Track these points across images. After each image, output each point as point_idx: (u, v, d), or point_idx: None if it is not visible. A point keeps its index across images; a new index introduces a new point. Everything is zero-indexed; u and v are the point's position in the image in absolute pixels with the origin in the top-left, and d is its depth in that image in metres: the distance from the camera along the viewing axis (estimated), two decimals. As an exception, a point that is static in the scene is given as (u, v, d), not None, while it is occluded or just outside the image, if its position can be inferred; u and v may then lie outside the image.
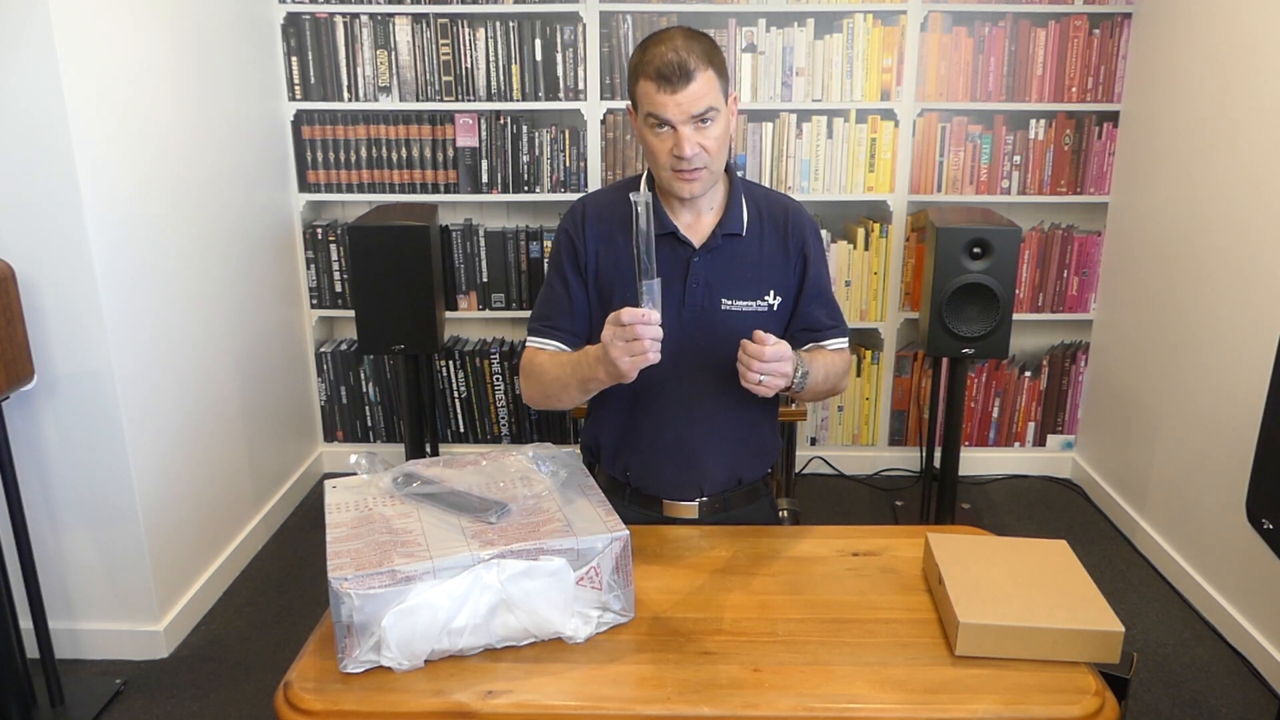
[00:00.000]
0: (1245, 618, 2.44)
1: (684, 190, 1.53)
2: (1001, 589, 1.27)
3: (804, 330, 1.66)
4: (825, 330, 1.66)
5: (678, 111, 1.45)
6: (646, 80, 1.46)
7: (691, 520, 1.67)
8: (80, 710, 2.20)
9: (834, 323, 1.67)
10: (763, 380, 1.40)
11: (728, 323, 1.59)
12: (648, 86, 1.46)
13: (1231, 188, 2.53)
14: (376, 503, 1.33)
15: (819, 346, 1.66)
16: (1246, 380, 2.44)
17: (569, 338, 1.63)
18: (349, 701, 1.15)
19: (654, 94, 1.46)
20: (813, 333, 1.66)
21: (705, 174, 1.52)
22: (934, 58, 3.13)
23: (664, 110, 1.46)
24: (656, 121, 1.48)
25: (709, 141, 1.49)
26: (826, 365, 1.60)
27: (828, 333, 1.66)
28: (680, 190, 1.53)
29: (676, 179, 1.52)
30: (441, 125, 3.19)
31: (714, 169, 1.53)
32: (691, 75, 1.44)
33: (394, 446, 3.49)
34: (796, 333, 1.66)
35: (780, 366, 1.40)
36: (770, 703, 1.14)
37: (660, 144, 1.50)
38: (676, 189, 1.53)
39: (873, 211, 3.27)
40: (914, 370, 3.43)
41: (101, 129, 2.18)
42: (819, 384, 1.59)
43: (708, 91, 1.46)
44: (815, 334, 1.66)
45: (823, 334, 1.66)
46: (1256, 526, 1.59)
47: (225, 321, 2.79)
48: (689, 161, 1.49)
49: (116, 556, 2.36)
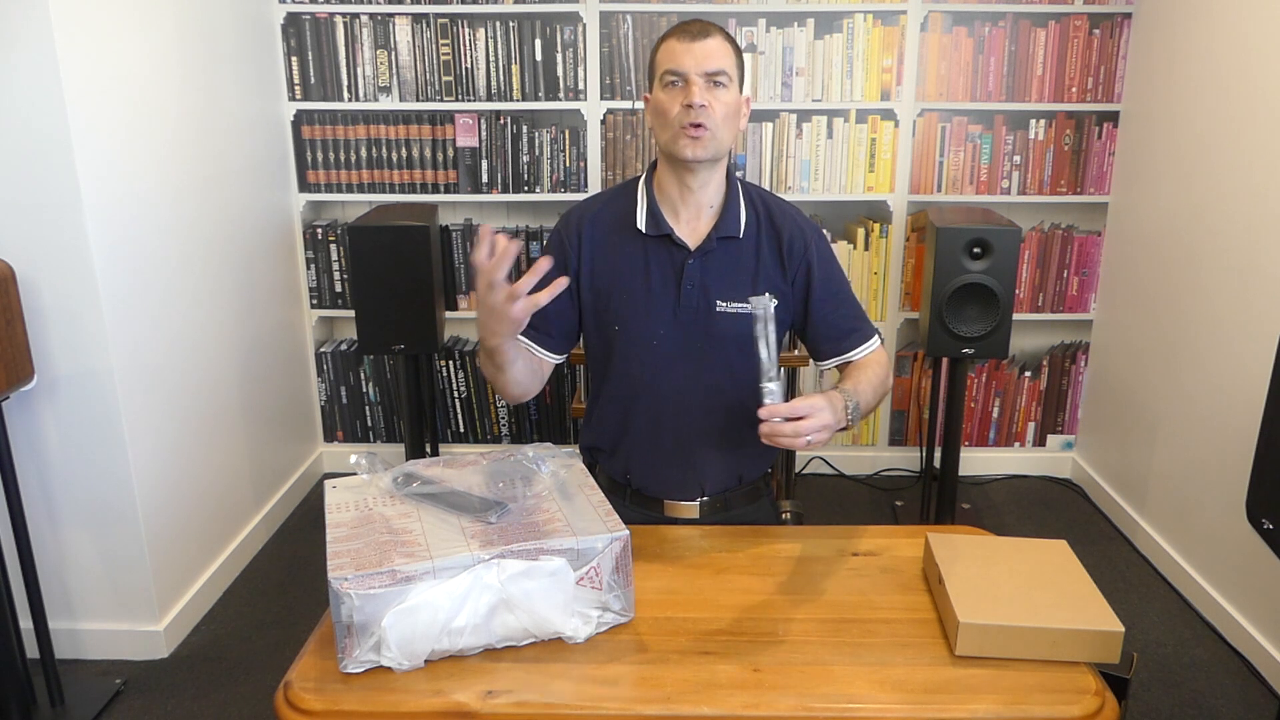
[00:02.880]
0: (1245, 618, 2.44)
1: (688, 150, 1.52)
2: (1001, 589, 1.27)
3: (830, 340, 1.64)
4: (850, 334, 1.64)
5: (692, 62, 1.50)
6: (668, 40, 1.54)
7: (693, 520, 1.67)
8: (80, 710, 2.20)
9: (858, 324, 1.65)
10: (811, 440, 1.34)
11: (723, 324, 1.59)
12: (668, 44, 1.53)
13: (1231, 187, 2.53)
14: (376, 503, 1.33)
15: (846, 360, 1.64)
16: (1246, 380, 2.44)
17: (546, 340, 1.64)
18: (349, 701, 1.15)
19: (673, 46, 1.52)
20: (836, 341, 1.64)
21: (709, 137, 1.52)
22: (934, 58, 3.13)
23: (680, 60, 1.50)
24: (673, 76, 1.51)
25: (718, 104, 1.51)
26: (871, 381, 1.57)
27: (853, 336, 1.64)
28: (684, 149, 1.52)
29: (682, 136, 1.51)
30: (441, 125, 3.20)
31: (719, 137, 1.53)
32: (709, 34, 1.52)
33: (394, 446, 3.49)
34: (820, 342, 1.65)
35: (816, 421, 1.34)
36: (770, 703, 1.14)
37: (671, 99, 1.52)
38: (680, 148, 1.52)
39: (873, 211, 3.27)
40: (914, 370, 3.43)
41: (102, 129, 2.18)
42: (871, 403, 1.56)
43: (722, 54, 1.52)
44: (840, 341, 1.64)
45: (848, 339, 1.64)
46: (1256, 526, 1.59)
47: (225, 321, 2.79)
48: (697, 113, 1.49)
49: (116, 556, 2.36)
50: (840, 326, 1.64)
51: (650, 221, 1.60)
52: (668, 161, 1.59)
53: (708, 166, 1.57)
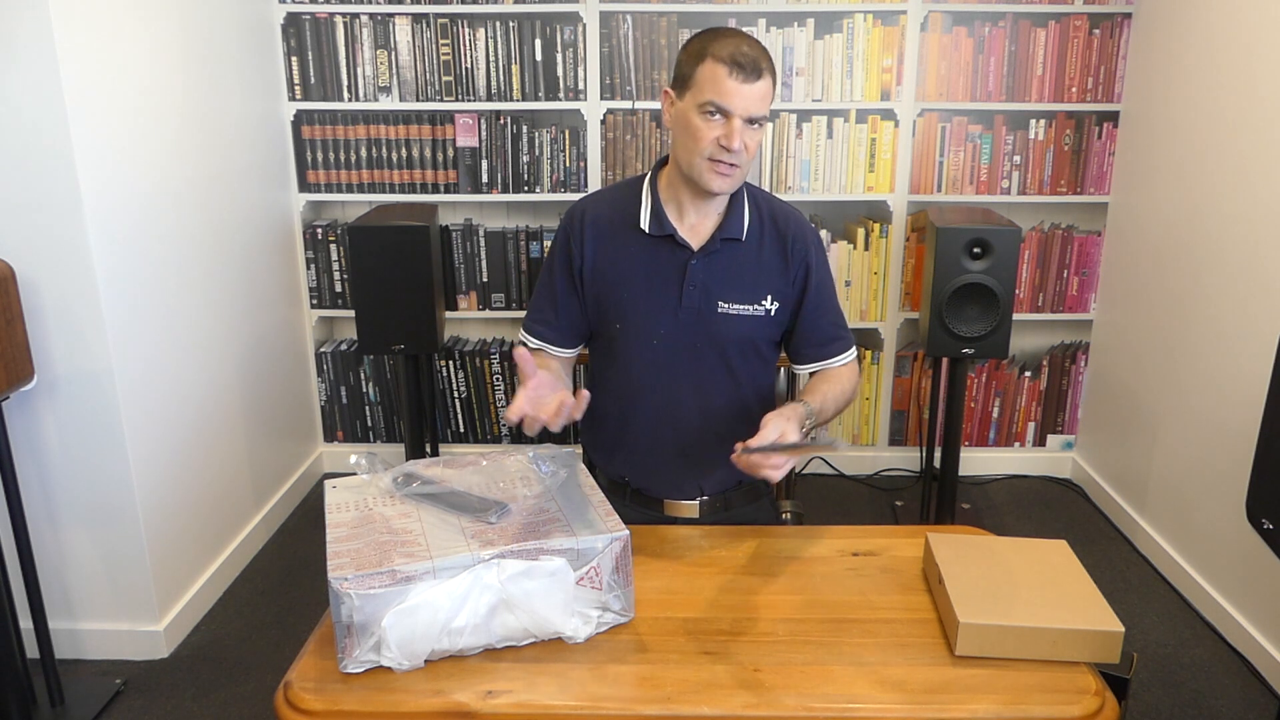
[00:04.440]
0: (1245, 618, 2.44)
1: (715, 184, 1.53)
2: (1001, 589, 1.27)
3: (811, 344, 1.68)
4: (832, 342, 1.68)
5: (742, 104, 1.47)
6: (718, 64, 1.46)
7: (693, 520, 1.67)
8: (80, 710, 2.20)
9: (841, 333, 1.69)
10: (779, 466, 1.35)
11: (724, 325, 1.60)
12: (717, 70, 1.46)
13: (1231, 187, 2.53)
14: (376, 503, 1.33)
15: (824, 367, 1.68)
16: (1246, 380, 2.44)
17: (553, 333, 1.69)
18: (349, 701, 1.15)
19: (724, 78, 1.46)
20: (819, 347, 1.67)
21: (739, 173, 1.54)
22: (934, 58, 3.13)
23: (730, 98, 1.47)
24: (714, 109, 1.48)
25: (752, 144, 1.52)
26: (837, 396, 1.62)
27: (834, 345, 1.68)
28: (711, 183, 1.53)
29: (713, 169, 1.52)
30: (441, 125, 3.19)
31: (745, 172, 1.56)
32: (762, 73, 1.48)
33: (394, 446, 3.49)
34: (804, 347, 1.68)
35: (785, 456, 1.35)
36: (770, 703, 1.15)
37: (709, 130, 1.49)
38: (708, 180, 1.53)
39: (873, 211, 3.27)
40: (914, 370, 3.43)
41: (102, 129, 2.18)
42: (830, 417, 1.60)
43: (768, 97, 1.50)
44: (821, 348, 1.68)
45: (830, 346, 1.68)
46: (1256, 526, 1.59)
47: (225, 321, 2.79)
48: (734, 155, 1.49)
49: (116, 556, 2.36)
50: (826, 333, 1.67)
51: (654, 222, 1.61)
52: (685, 177, 1.58)
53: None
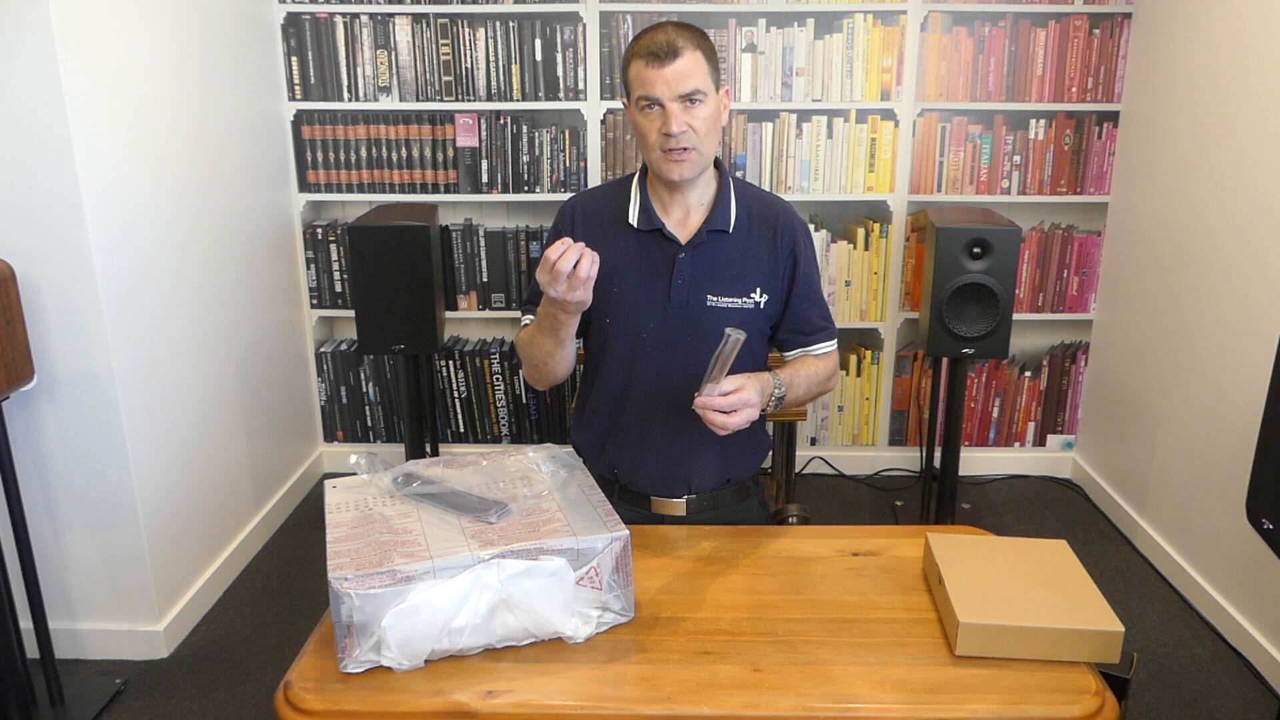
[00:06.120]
0: (1245, 618, 2.44)
1: (673, 172, 1.53)
2: (1001, 589, 1.27)
3: (796, 332, 1.68)
4: (816, 332, 1.69)
5: (665, 88, 1.48)
6: (637, 60, 1.50)
7: (679, 518, 1.67)
8: (80, 710, 2.20)
9: (825, 324, 1.70)
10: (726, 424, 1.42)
11: (713, 318, 1.60)
12: (638, 65, 1.50)
13: (1231, 187, 2.53)
14: (376, 503, 1.33)
15: (807, 353, 1.69)
16: (1246, 380, 2.44)
17: None
18: (349, 701, 1.15)
19: (643, 71, 1.49)
20: (804, 335, 1.68)
21: (694, 155, 1.53)
22: (934, 58, 3.13)
23: (652, 87, 1.48)
24: (646, 101, 1.50)
25: (697, 122, 1.50)
26: (810, 376, 1.64)
27: (818, 335, 1.69)
28: (669, 172, 1.54)
29: (665, 160, 1.53)
30: (441, 125, 3.19)
31: (703, 151, 1.54)
32: (679, 52, 1.47)
33: (394, 446, 3.49)
34: (789, 334, 1.69)
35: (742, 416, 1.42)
36: (770, 703, 1.14)
37: (649, 124, 1.51)
38: (665, 171, 1.54)
39: (873, 211, 3.27)
40: (914, 370, 3.43)
41: (101, 129, 2.18)
42: (800, 397, 1.63)
43: (695, 71, 1.49)
44: (807, 336, 1.68)
45: (814, 336, 1.69)
46: (1256, 526, 1.59)
47: (225, 321, 2.79)
48: (677, 139, 1.50)
49: (116, 556, 2.36)
50: (812, 322, 1.68)
51: (642, 217, 1.62)
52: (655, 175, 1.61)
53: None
